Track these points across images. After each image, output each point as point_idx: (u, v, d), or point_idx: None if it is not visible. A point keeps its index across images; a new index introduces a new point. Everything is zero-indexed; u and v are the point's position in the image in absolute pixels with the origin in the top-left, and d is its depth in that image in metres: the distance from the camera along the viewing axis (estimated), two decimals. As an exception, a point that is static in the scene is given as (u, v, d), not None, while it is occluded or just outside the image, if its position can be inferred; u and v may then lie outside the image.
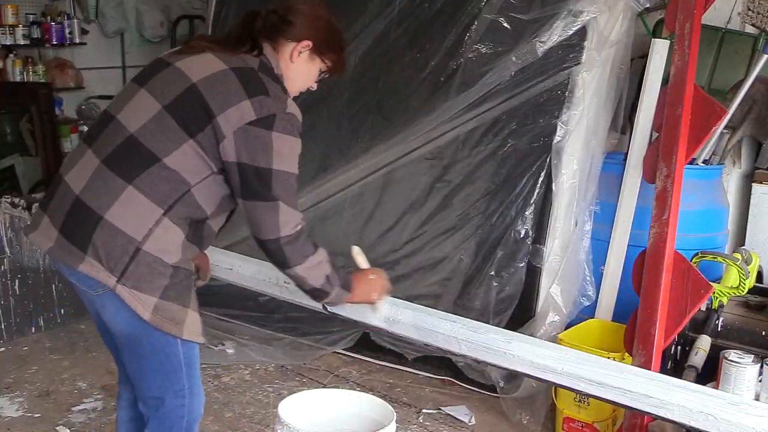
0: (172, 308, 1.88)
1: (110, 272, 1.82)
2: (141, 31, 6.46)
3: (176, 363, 1.95)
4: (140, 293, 1.83)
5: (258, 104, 1.84)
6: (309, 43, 2.02)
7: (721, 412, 1.73)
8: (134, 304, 1.83)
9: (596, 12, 3.21)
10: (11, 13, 5.73)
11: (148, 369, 1.96)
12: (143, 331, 1.87)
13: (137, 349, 1.93)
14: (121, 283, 1.82)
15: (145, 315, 1.84)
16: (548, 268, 3.28)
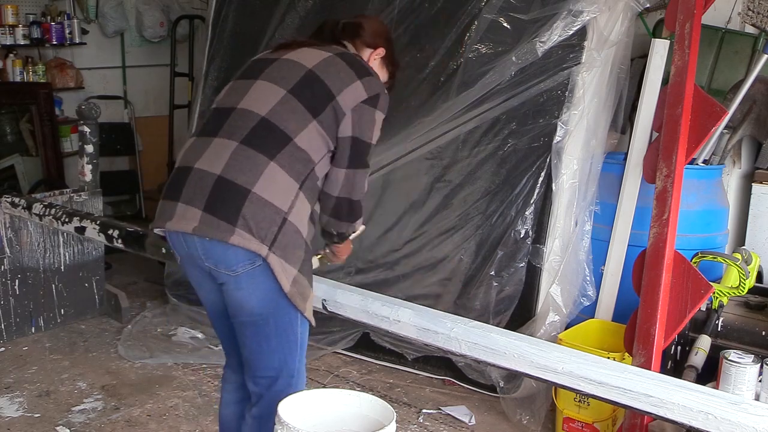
0: (304, 283, 2.01)
1: (261, 241, 1.91)
2: (141, 31, 6.45)
3: (294, 341, 2.07)
4: (286, 263, 1.95)
5: (368, 84, 2.08)
6: (383, 51, 2.28)
7: (722, 412, 1.73)
8: (280, 275, 1.94)
9: (596, 12, 3.21)
10: (11, 13, 5.73)
11: (269, 348, 2.05)
12: (276, 306, 1.99)
13: (263, 328, 2.03)
14: (272, 252, 1.92)
15: (286, 286, 1.95)
16: (548, 268, 3.28)
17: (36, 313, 4.03)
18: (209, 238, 1.94)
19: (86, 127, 4.06)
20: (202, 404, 3.32)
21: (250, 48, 4.12)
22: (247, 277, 1.96)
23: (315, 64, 2.06)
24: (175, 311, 4.26)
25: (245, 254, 1.93)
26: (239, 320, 2.06)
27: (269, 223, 1.92)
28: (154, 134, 6.37)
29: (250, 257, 1.93)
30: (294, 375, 2.11)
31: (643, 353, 2.68)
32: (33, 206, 3.62)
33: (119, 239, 3.12)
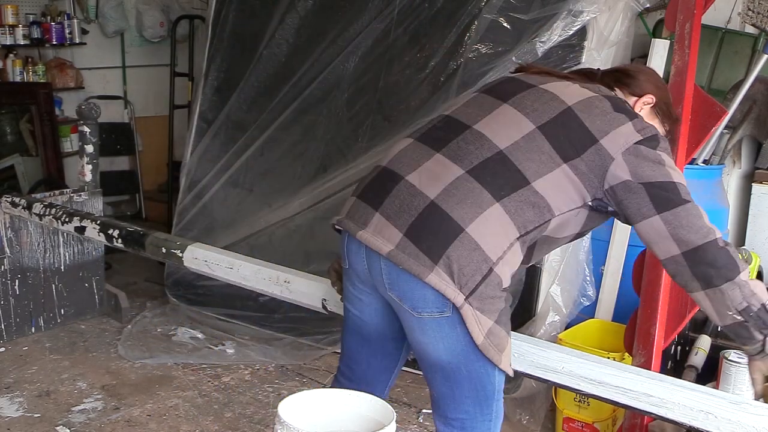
0: (501, 334, 1.76)
1: (459, 288, 1.69)
2: (141, 31, 6.45)
3: (490, 391, 1.84)
4: (482, 315, 1.71)
5: (640, 125, 1.78)
6: (652, 98, 1.97)
7: (722, 411, 1.73)
8: (473, 326, 1.71)
9: (596, 12, 3.21)
10: (11, 13, 5.72)
11: (461, 393, 1.84)
12: (466, 358, 1.77)
13: (454, 375, 1.82)
14: (468, 302, 1.69)
15: (479, 339, 1.72)
16: (548, 268, 3.28)
17: (36, 313, 4.03)
18: (402, 268, 1.72)
19: (86, 127, 4.06)
20: (202, 404, 3.32)
21: (250, 48, 4.13)
22: (432, 324, 1.75)
23: (576, 102, 1.79)
24: (175, 311, 4.26)
25: (436, 299, 1.71)
26: (425, 364, 1.86)
27: (474, 270, 1.68)
28: (154, 134, 6.37)
29: (440, 304, 1.71)
30: (491, 420, 1.88)
31: (643, 353, 2.68)
32: (33, 206, 3.62)
33: (119, 239, 3.12)
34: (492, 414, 1.87)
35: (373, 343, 1.98)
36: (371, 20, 3.77)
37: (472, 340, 1.72)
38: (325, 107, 3.89)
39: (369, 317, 1.93)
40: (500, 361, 1.77)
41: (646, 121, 1.81)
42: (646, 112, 1.96)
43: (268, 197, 4.05)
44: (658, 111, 1.99)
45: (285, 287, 2.44)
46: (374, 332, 1.95)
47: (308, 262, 3.75)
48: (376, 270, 1.79)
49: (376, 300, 1.88)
